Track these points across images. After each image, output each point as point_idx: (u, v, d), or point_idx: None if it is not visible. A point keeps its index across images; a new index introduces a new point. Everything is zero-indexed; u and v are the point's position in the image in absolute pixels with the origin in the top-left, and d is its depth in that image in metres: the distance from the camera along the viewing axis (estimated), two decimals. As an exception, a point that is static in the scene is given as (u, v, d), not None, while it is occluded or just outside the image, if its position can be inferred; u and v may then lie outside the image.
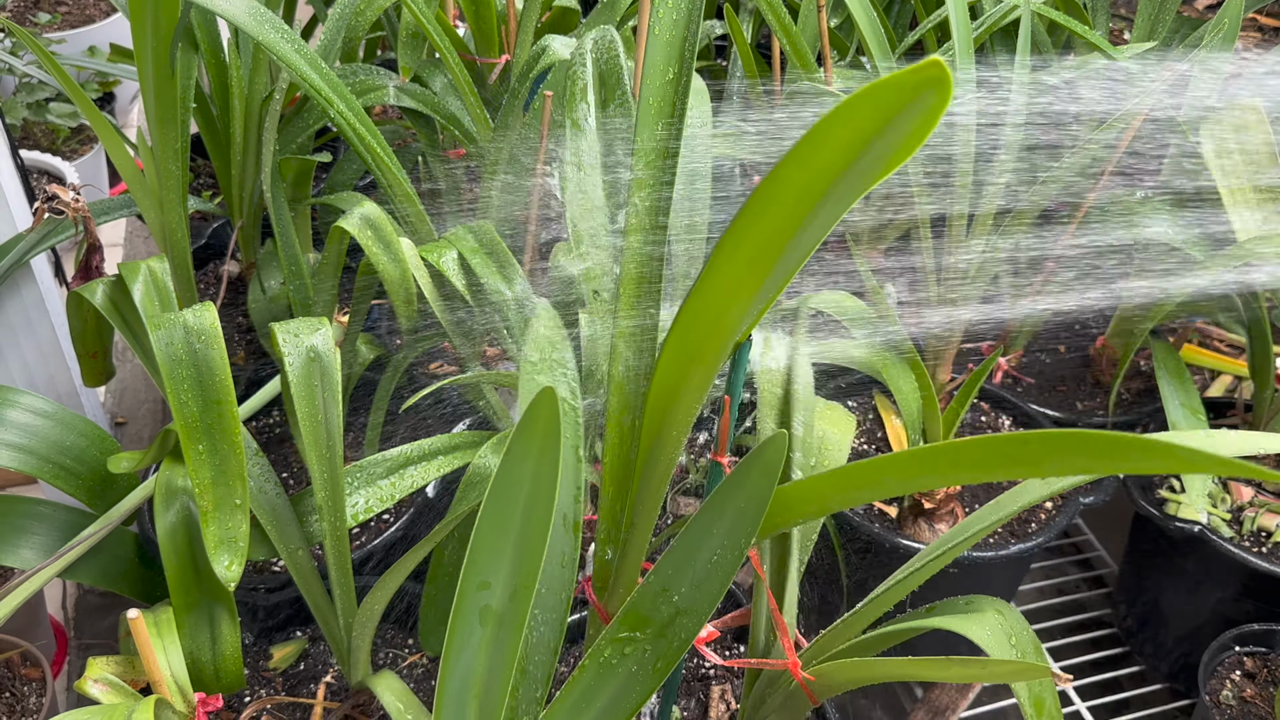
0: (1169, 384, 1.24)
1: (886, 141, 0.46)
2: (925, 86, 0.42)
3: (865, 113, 0.44)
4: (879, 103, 0.44)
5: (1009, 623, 0.72)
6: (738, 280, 0.57)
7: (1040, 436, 0.47)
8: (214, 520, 0.90)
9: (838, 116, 0.45)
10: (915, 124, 0.45)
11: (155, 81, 1.21)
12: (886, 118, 0.44)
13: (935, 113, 0.43)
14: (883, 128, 0.45)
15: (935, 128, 0.44)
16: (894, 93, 0.43)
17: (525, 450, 0.59)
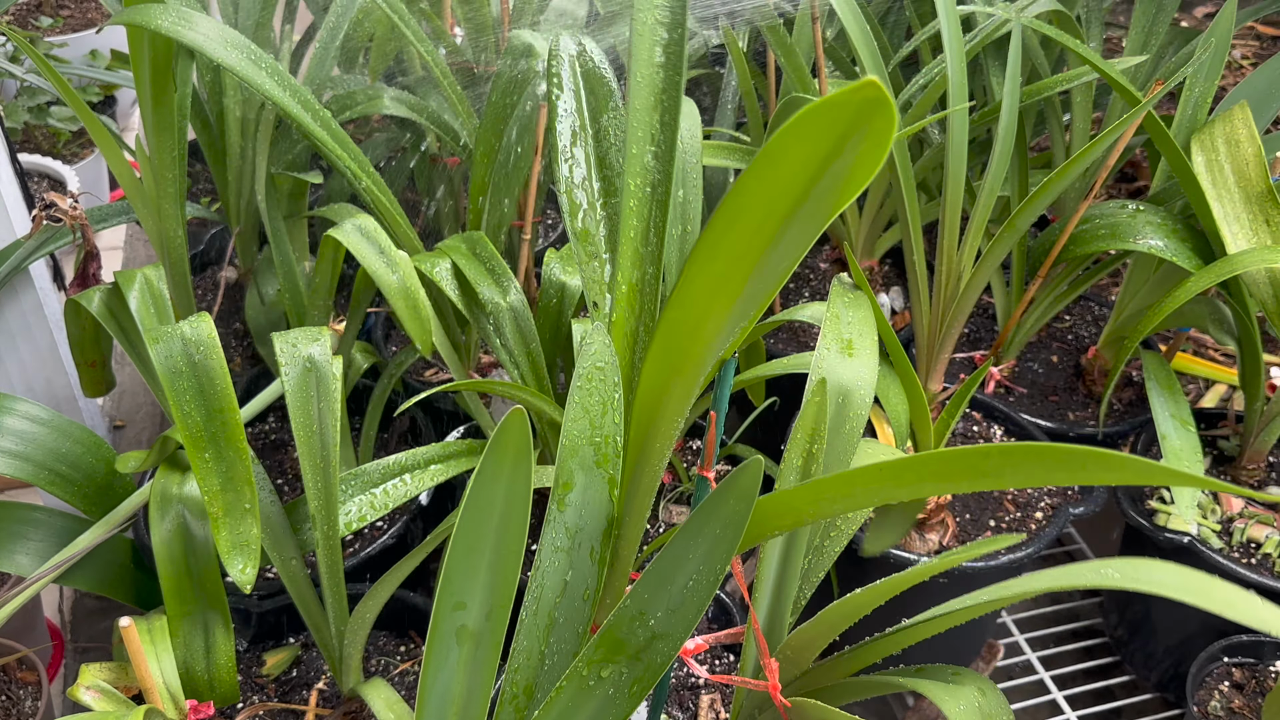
0: (1159, 395, 1.25)
1: (843, 163, 0.47)
2: (866, 106, 0.43)
3: (816, 129, 0.45)
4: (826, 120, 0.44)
5: (988, 703, 0.73)
6: (712, 293, 0.57)
7: (1000, 450, 0.48)
8: (225, 525, 0.91)
9: (790, 132, 0.46)
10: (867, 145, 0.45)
11: (152, 91, 1.22)
12: (836, 135, 0.45)
13: (885, 133, 0.44)
14: (835, 147, 0.46)
15: (889, 145, 0.45)
16: (838, 112, 0.44)
17: (497, 469, 0.60)
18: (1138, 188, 2.17)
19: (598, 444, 0.76)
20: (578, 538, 0.75)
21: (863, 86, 0.42)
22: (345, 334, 1.23)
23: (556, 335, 1.19)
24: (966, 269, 1.23)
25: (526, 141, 1.31)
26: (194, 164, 1.97)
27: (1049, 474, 0.48)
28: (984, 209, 1.20)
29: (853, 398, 0.90)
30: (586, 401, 0.77)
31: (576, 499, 0.75)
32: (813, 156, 0.46)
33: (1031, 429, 1.35)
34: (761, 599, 0.86)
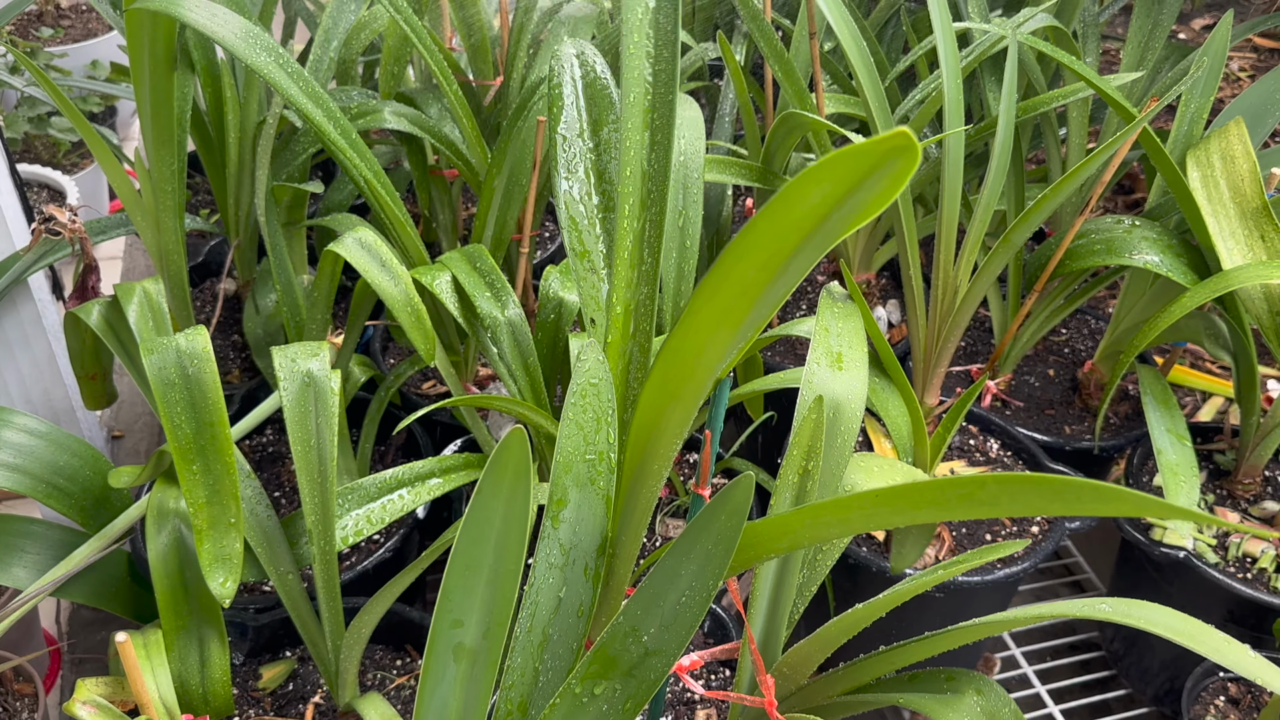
0: (1154, 409, 1.25)
1: (857, 200, 0.48)
2: (893, 154, 0.43)
3: (837, 175, 0.46)
4: (849, 167, 0.45)
5: (989, 703, 0.73)
6: (716, 323, 0.58)
7: (996, 479, 0.49)
8: (209, 538, 0.91)
9: (811, 177, 0.47)
10: (884, 184, 0.46)
11: (152, 104, 1.22)
12: (856, 180, 0.46)
13: (903, 175, 0.45)
14: (853, 189, 0.47)
15: (902, 188, 0.46)
16: (864, 159, 0.44)
17: (496, 488, 0.60)
18: (1135, 200, 2.17)
19: (591, 461, 0.76)
20: (572, 554, 0.75)
21: (895, 136, 0.42)
22: (344, 347, 1.23)
23: (554, 350, 1.19)
24: (963, 283, 1.23)
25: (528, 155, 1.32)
26: (194, 175, 1.97)
27: (1045, 504, 0.48)
28: (980, 223, 1.20)
29: (843, 411, 0.90)
30: (580, 418, 0.77)
31: (571, 515, 0.75)
32: (829, 198, 0.47)
33: (1028, 443, 1.35)
34: (757, 615, 0.86)
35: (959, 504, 0.51)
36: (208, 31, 1.02)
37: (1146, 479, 1.35)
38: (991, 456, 1.37)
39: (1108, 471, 1.53)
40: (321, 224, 1.34)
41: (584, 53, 1.03)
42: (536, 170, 1.28)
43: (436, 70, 1.24)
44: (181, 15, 1.01)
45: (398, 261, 1.08)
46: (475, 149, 1.37)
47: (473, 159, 1.38)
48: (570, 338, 1.18)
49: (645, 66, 0.83)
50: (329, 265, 1.13)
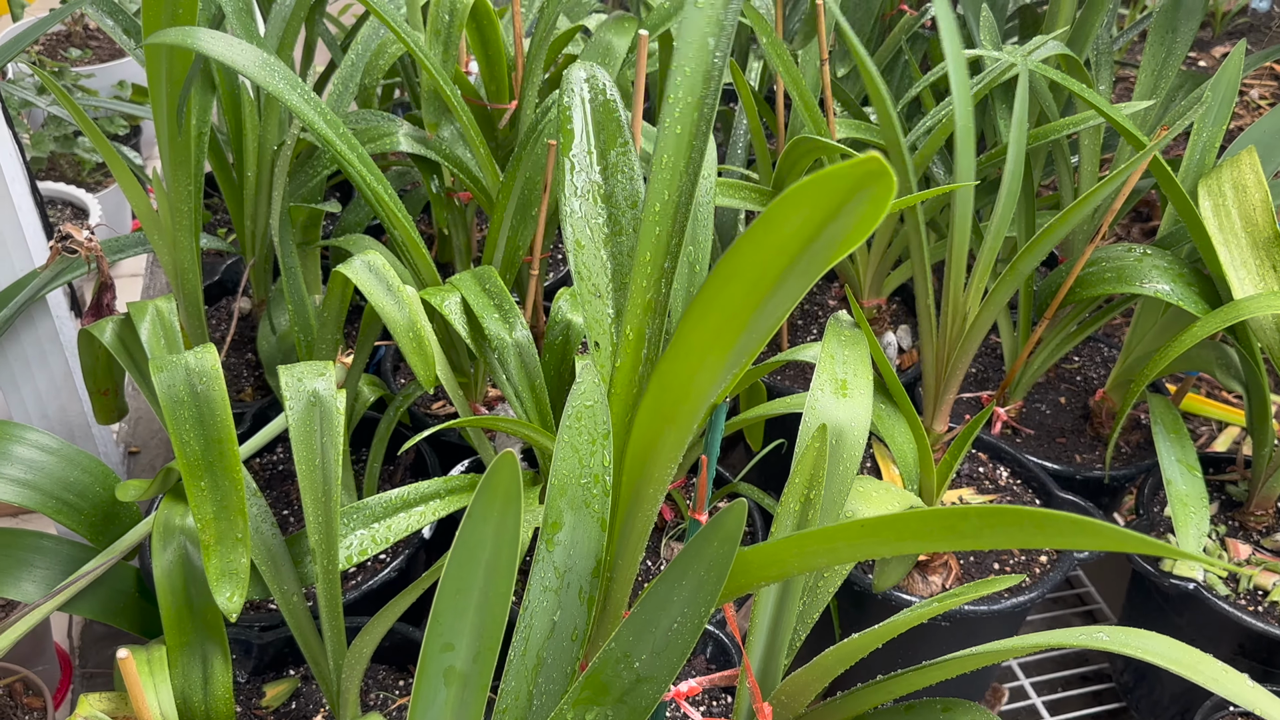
0: (1165, 439, 1.24)
1: (839, 225, 0.48)
2: (868, 179, 0.44)
3: (815, 199, 0.46)
4: (826, 190, 0.45)
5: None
6: (706, 348, 0.58)
7: (979, 511, 0.49)
8: (216, 553, 0.92)
9: (789, 201, 0.47)
10: (864, 210, 0.46)
11: (169, 127, 1.24)
12: (836, 204, 0.46)
13: (881, 201, 0.45)
14: (834, 213, 0.47)
15: (884, 213, 0.46)
16: (839, 182, 0.45)
17: (487, 512, 0.60)
18: (1152, 227, 2.16)
19: (586, 484, 0.76)
20: (566, 577, 0.75)
21: (866, 161, 0.43)
22: (353, 367, 1.24)
23: (561, 372, 1.19)
24: (972, 309, 1.23)
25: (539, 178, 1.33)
26: (212, 195, 1.99)
27: (1028, 538, 0.48)
28: (990, 250, 1.20)
29: (846, 438, 0.90)
30: (576, 440, 0.77)
31: (565, 538, 0.76)
32: (809, 222, 0.47)
33: (1038, 471, 1.35)
34: (756, 641, 0.86)
35: (942, 536, 0.51)
36: (226, 61, 1.04)
37: (1158, 509, 1.34)
38: (1001, 484, 1.36)
39: (1119, 501, 1.52)
40: (336, 244, 1.35)
41: (594, 76, 1.04)
42: (547, 193, 1.29)
43: (448, 95, 1.25)
44: (199, 47, 1.03)
45: (404, 286, 1.09)
46: (488, 171, 1.38)
47: (485, 181, 1.39)
48: (577, 360, 1.19)
49: (689, 104, 0.83)
50: (338, 287, 1.14)
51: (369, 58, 1.45)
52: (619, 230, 0.97)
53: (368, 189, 1.14)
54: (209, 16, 1.38)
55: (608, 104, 1.01)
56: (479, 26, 1.38)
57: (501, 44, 1.41)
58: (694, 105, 0.80)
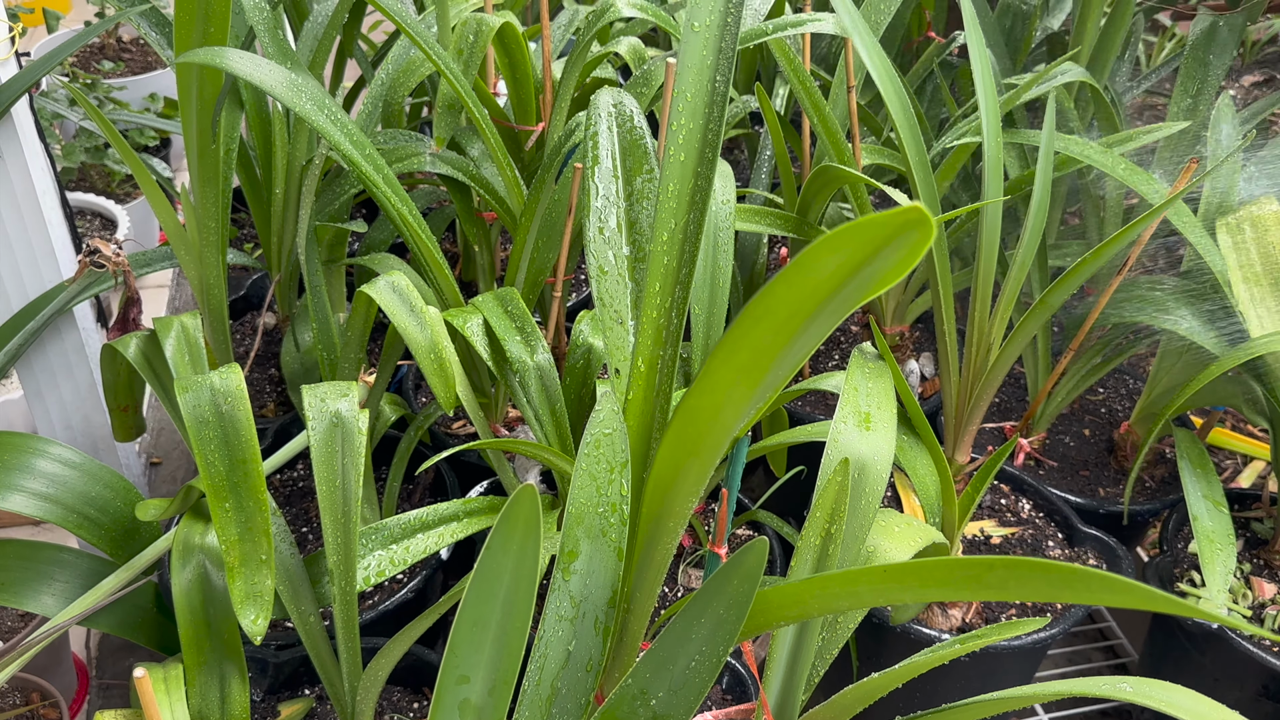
0: (1191, 474, 1.22)
1: (873, 269, 0.48)
2: (908, 228, 0.44)
3: (853, 245, 0.46)
4: (865, 238, 0.45)
5: None
6: (733, 383, 0.58)
7: (1005, 562, 0.48)
8: (240, 575, 0.92)
9: (827, 246, 0.47)
10: (901, 255, 0.46)
11: (198, 143, 1.25)
12: (872, 250, 0.46)
13: (919, 248, 0.45)
14: (869, 258, 0.47)
15: (918, 260, 0.46)
16: (879, 230, 0.45)
17: (506, 545, 0.60)
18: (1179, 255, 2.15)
19: (603, 513, 0.76)
20: (582, 607, 0.75)
21: (907, 211, 0.43)
22: (375, 386, 1.25)
23: (582, 396, 1.19)
24: (997, 341, 1.22)
25: (564, 200, 1.33)
26: (239, 210, 2.01)
27: (1053, 592, 0.48)
28: (1015, 282, 1.19)
29: (869, 472, 0.90)
30: (594, 469, 0.77)
31: (582, 567, 0.75)
32: (844, 266, 0.47)
33: (1060, 504, 1.33)
34: (774, 676, 0.85)
35: (967, 585, 0.50)
36: (255, 81, 1.05)
37: (1181, 545, 1.33)
38: (1023, 517, 1.35)
39: (1143, 536, 1.50)
40: (361, 263, 1.36)
41: (621, 103, 1.04)
42: (571, 215, 1.29)
43: (476, 117, 1.26)
44: (228, 67, 1.04)
45: (426, 307, 1.10)
46: (513, 192, 1.39)
47: (510, 202, 1.40)
48: (598, 384, 1.19)
49: (692, 130, 0.83)
50: (362, 306, 1.15)
51: (397, 76, 1.46)
52: (642, 257, 0.96)
53: (392, 209, 1.14)
54: (239, 36, 1.40)
55: (634, 131, 1.01)
56: (506, 49, 1.39)
57: (529, 66, 1.41)
58: (697, 131, 0.80)
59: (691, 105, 0.83)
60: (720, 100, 0.83)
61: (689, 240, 0.83)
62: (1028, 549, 1.31)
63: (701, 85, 0.83)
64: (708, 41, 0.83)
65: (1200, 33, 1.46)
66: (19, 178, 1.28)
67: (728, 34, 0.84)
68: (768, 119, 1.41)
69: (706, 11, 0.84)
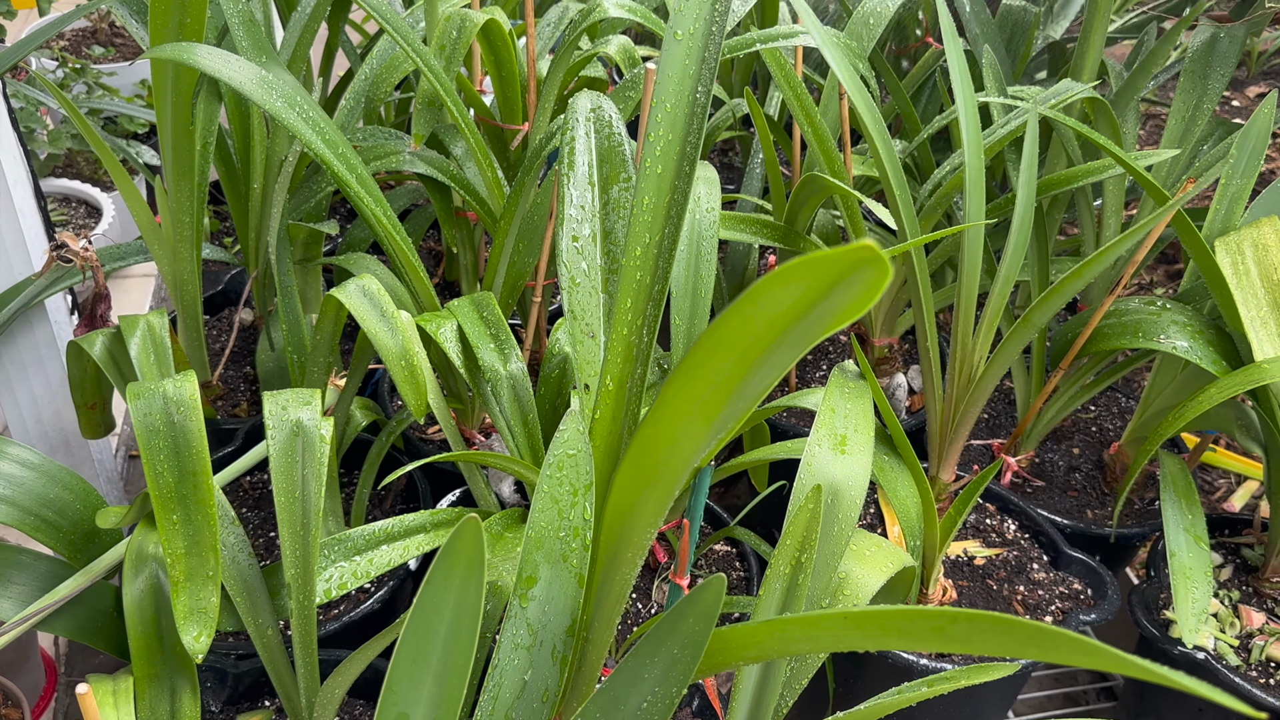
0: (1173, 505, 1.19)
1: (830, 305, 0.45)
2: (861, 265, 0.41)
3: (806, 279, 0.44)
4: (819, 274, 0.43)
5: None
6: (689, 415, 0.55)
7: (968, 616, 0.46)
8: (185, 590, 0.89)
9: (779, 279, 0.44)
10: (858, 292, 0.44)
11: (174, 135, 1.22)
12: (827, 286, 0.44)
13: (877, 285, 0.43)
14: (825, 293, 0.44)
15: (877, 297, 0.43)
16: (832, 267, 0.42)
17: (447, 581, 0.57)
18: (1177, 270, 2.12)
19: (564, 537, 0.73)
20: (540, 635, 0.72)
21: (859, 249, 0.40)
22: (345, 390, 1.22)
23: (557, 406, 1.17)
24: (981, 359, 1.19)
25: (545, 202, 1.30)
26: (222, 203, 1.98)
27: (1018, 648, 0.45)
28: (999, 298, 1.16)
29: (843, 498, 0.87)
30: (556, 491, 0.74)
31: (540, 594, 0.73)
32: (801, 302, 0.45)
33: (1047, 526, 1.31)
34: (738, 709, 0.82)
35: (929, 636, 0.48)
36: (223, 78, 1.02)
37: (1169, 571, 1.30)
38: (1008, 538, 1.32)
39: (1130, 557, 1.47)
40: (337, 263, 1.33)
41: (601, 107, 1.01)
42: (553, 219, 1.26)
43: (456, 115, 1.23)
44: (196, 63, 1.01)
45: (398, 313, 1.07)
46: (494, 193, 1.36)
47: (491, 203, 1.37)
48: (573, 395, 1.16)
49: (671, 141, 0.80)
50: (332, 310, 1.12)
51: (381, 72, 1.43)
52: (617, 269, 0.93)
53: (367, 210, 1.11)
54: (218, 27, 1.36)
55: (612, 137, 0.98)
56: (493, 46, 1.36)
57: (515, 64, 1.38)
58: (676, 143, 0.77)
59: (671, 116, 0.80)
60: (701, 112, 0.80)
61: (663, 255, 0.80)
62: (1011, 571, 1.28)
63: (682, 95, 0.80)
64: (690, 51, 0.80)
65: (1200, 44, 1.43)
66: (-11, 168, 1.25)
67: (711, 43, 0.81)
68: (758, 125, 1.38)
69: (690, 19, 0.81)
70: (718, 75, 1.41)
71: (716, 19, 0.81)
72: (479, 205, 1.36)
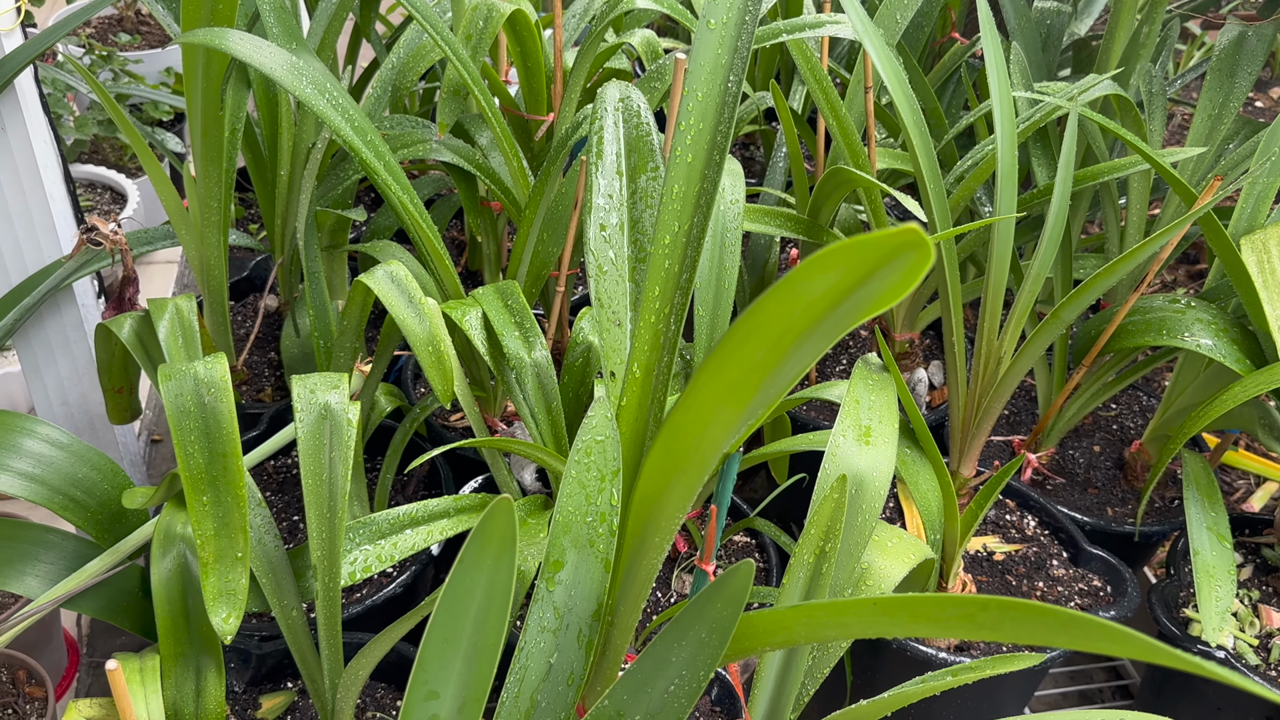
0: (1196, 503, 1.19)
1: (869, 290, 0.45)
2: (904, 249, 0.41)
3: (846, 264, 0.44)
4: (859, 258, 0.43)
5: None
6: (720, 401, 0.56)
7: (1000, 603, 0.46)
8: (214, 572, 0.90)
9: (818, 265, 0.44)
10: (898, 277, 0.44)
11: (203, 122, 1.23)
12: (867, 271, 0.44)
13: (917, 270, 0.43)
14: (864, 279, 0.44)
15: (916, 283, 0.44)
16: (873, 251, 0.42)
17: (480, 560, 0.58)
18: (1199, 270, 2.11)
19: (591, 522, 0.74)
20: (566, 619, 0.73)
21: (904, 232, 0.40)
22: (370, 376, 1.23)
23: (580, 395, 1.17)
24: (1007, 354, 1.19)
25: (571, 192, 1.31)
26: (248, 190, 1.99)
27: (1049, 636, 0.45)
28: (1029, 294, 1.16)
29: (867, 488, 0.87)
30: (584, 476, 0.75)
31: (567, 578, 0.73)
32: (838, 287, 0.45)
33: (1067, 523, 1.30)
34: (760, 697, 0.83)
35: (959, 623, 0.48)
36: (254, 64, 1.03)
37: (1188, 570, 1.30)
38: (1028, 534, 1.32)
39: (1150, 556, 1.47)
40: (363, 250, 1.34)
41: (629, 97, 1.02)
42: (578, 209, 1.27)
43: (482, 104, 1.23)
44: (229, 49, 1.02)
45: (425, 299, 1.07)
46: (519, 183, 1.36)
47: (516, 193, 1.37)
48: (597, 383, 1.16)
49: (701, 130, 0.80)
50: (359, 295, 1.13)
51: (408, 60, 1.43)
52: (643, 258, 0.94)
53: (394, 197, 1.12)
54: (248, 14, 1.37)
55: (640, 126, 0.98)
56: (518, 36, 1.36)
57: (541, 55, 1.39)
58: (706, 132, 0.78)
59: (702, 105, 0.80)
60: (732, 101, 0.80)
61: (691, 244, 0.80)
62: (1030, 567, 1.28)
63: (714, 84, 0.81)
64: (723, 40, 0.81)
65: (1228, 42, 1.42)
66: (21, 150, 1.26)
67: (744, 33, 0.81)
68: (783, 118, 1.38)
69: (724, 8, 0.81)
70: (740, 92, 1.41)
71: (750, 8, 0.81)
72: (504, 194, 1.37)
